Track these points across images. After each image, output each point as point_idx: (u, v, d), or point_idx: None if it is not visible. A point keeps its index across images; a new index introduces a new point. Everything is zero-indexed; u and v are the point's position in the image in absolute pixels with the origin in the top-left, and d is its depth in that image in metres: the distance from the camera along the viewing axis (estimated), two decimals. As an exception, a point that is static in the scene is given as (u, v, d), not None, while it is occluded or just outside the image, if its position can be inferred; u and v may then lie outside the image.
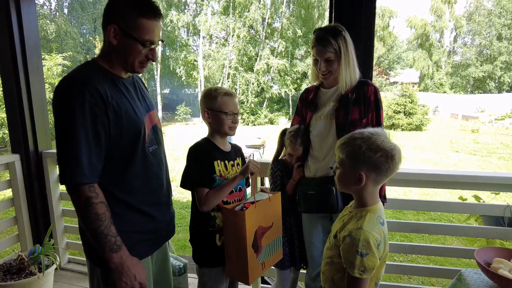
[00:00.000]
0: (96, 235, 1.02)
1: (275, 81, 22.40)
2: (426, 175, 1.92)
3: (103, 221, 1.02)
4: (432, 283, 3.33)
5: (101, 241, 1.02)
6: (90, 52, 21.18)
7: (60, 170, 1.03)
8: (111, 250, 1.03)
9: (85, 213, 1.01)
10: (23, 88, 2.32)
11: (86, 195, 1.01)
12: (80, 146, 0.99)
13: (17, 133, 2.39)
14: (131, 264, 1.07)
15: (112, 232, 1.04)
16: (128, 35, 1.05)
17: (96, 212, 1.01)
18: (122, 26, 1.05)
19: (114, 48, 1.08)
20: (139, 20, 1.05)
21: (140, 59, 1.11)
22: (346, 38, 1.51)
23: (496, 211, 1.94)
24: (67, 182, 1.01)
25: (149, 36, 1.07)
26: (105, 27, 1.06)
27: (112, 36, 1.06)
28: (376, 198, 1.11)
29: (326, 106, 1.61)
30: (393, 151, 1.03)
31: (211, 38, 22.97)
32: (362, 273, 1.01)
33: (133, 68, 1.13)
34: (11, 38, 2.25)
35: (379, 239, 1.02)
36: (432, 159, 10.53)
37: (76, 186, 1.01)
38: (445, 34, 34.00)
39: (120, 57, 1.10)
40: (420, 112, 17.91)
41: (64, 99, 1.01)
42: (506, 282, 1.29)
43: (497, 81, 30.93)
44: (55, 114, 1.03)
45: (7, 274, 2.08)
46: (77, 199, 1.02)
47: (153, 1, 1.09)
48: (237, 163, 1.61)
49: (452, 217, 5.37)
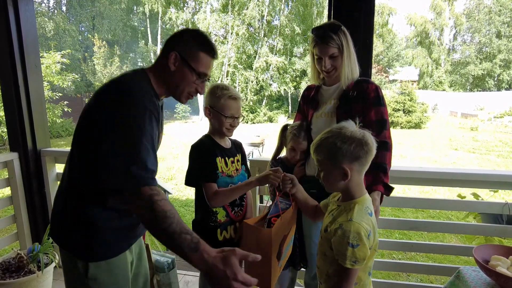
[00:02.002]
0: (168, 235, 0.95)
1: (274, 79, 22.37)
2: (425, 173, 1.92)
3: (172, 218, 0.96)
4: (431, 280, 3.34)
5: (177, 242, 0.94)
6: (88, 50, 21.10)
7: (121, 176, 0.98)
8: (191, 250, 0.93)
9: (151, 214, 0.96)
10: (21, 86, 2.32)
11: (148, 194, 0.97)
12: (147, 152, 1.00)
13: (15, 131, 2.38)
14: (218, 261, 0.93)
15: (184, 229, 0.96)
16: (187, 64, 1.14)
17: (162, 209, 0.96)
18: (183, 55, 1.13)
19: (170, 73, 1.15)
20: (200, 53, 1.15)
21: (190, 89, 1.19)
22: (346, 33, 1.51)
23: (494, 208, 1.94)
24: (130, 187, 0.98)
25: (205, 70, 1.17)
26: (167, 52, 1.14)
27: (172, 62, 1.13)
28: (363, 189, 1.14)
29: (327, 104, 1.62)
30: (365, 137, 1.07)
31: (210, 36, 22.90)
32: (354, 264, 1.03)
33: (180, 96, 1.20)
34: (9, 35, 2.24)
35: (369, 229, 1.05)
36: (431, 157, 10.54)
37: (140, 190, 0.98)
38: (445, 32, 33.98)
39: (173, 82, 1.17)
40: (419, 110, 17.92)
41: (128, 107, 1.01)
42: (504, 279, 1.29)
43: (496, 79, 30.96)
44: (111, 119, 1.00)
45: (6, 272, 2.08)
46: (141, 202, 0.98)
47: (214, 43, 1.20)
48: (237, 159, 1.61)
49: (451, 214, 5.39)
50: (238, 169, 1.61)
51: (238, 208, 1.59)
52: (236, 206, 1.58)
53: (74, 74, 12.55)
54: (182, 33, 1.18)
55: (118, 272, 1.18)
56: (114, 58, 17.08)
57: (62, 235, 1.16)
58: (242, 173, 1.65)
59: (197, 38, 1.17)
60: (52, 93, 10.86)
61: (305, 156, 1.69)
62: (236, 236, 1.59)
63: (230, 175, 1.55)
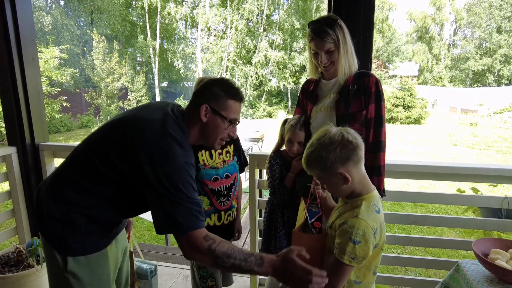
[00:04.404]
0: (238, 267, 1.03)
1: (274, 74, 22.30)
2: (424, 167, 1.92)
3: (234, 253, 1.03)
4: (429, 274, 3.36)
5: (247, 269, 1.03)
6: (87, 45, 20.97)
7: (170, 222, 1.03)
8: (258, 266, 1.03)
9: (217, 260, 1.03)
10: (19, 80, 2.29)
11: (204, 245, 1.02)
12: (191, 197, 1.05)
13: (13, 125, 2.36)
14: (280, 262, 1.04)
15: (246, 255, 1.04)
16: (219, 114, 1.21)
17: (224, 252, 1.03)
18: (213, 106, 1.20)
19: (202, 124, 1.21)
20: (229, 101, 1.22)
21: (223, 135, 1.25)
22: (342, 26, 1.48)
23: (494, 203, 1.94)
24: (182, 232, 1.03)
25: (235, 115, 1.25)
26: (198, 105, 1.20)
27: (203, 114, 1.19)
28: (369, 186, 1.13)
29: (326, 98, 1.60)
30: (344, 137, 1.05)
31: (209, 30, 22.79)
32: (352, 261, 1.02)
33: (213, 143, 1.27)
34: (5, 29, 2.21)
35: (375, 227, 1.03)
36: (431, 153, 10.55)
37: (192, 235, 1.03)
38: (445, 27, 33.84)
39: (205, 132, 1.23)
40: (419, 106, 17.89)
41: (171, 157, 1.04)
42: (503, 272, 1.29)
43: (496, 74, 30.89)
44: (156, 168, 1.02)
45: (5, 266, 2.08)
46: (200, 249, 1.03)
47: (239, 88, 1.27)
48: (227, 151, 1.64)
49: (450, 209, 5.40)
50: (226, 160, 1.64)
51: (224, 198, 1.64)
52: (221, 196, 1.63)
53: (72, 69, 12.50)
54: (208, 85, 1.24)
55: (98, 267, 1.19)
56: (113, 53, 16.92)
57: (43, 224, 1.15)
58: (233, 164, 1.68)
59: (223, 87, 1.23)
60: (50, 88, 10.82)
61: (303, 150, 1.68)
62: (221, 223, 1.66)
63: (215, 167, 1.60)
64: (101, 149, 1.09)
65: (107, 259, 1.22)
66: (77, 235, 1.11)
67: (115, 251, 1.30)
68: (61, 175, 1.16)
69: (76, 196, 1.09)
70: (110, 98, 17.02)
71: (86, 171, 1.10)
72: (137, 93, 18.44)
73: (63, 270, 1.11)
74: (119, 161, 1.06)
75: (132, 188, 1.09)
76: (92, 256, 1.15)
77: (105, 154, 1.07)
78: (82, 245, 1.12)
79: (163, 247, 3.22)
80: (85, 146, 1.16)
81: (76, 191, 1.09)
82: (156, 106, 1.20)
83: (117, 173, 1.07)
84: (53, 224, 1.11)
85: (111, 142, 1.09)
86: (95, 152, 1.10)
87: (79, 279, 1.13)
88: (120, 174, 1.07)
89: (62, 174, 1.15)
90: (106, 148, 1.08)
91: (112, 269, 1.26)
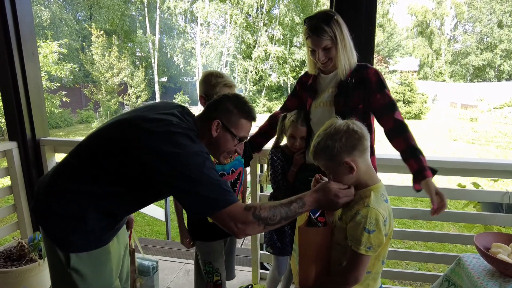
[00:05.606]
0: (285, 218, 1.06)
1: (274, 69, 22.21)
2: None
3: (277, 208, 1.05)
4: (429, 269, 3.38)
5: (293, 215, 1.07)
6: (86, 40, 20.84)
7: (203, 203, 1.03)
8: (301, 208, 1.07)
9: (266, 223, 1.04)
10: (19, 74, 2.28)
11: (249, 215, 1.03)
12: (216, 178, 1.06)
13: (13, 120, 2.36)
14: (317, 195, 1.09)
15: (287, 204, 1.06)
16: (229, 131, 1.23)
17: (268, 212, 1.04)
18: (225, 122, 1.22)
19: (212, 138, 1.23)
20: (241, 120, 1.24)
21: (229, 150, 1.28)
22: (339, 22, 1.45)
23: (494, 197, 1.95)
24: (218, 209, 1.03)
25: (244, 134, 1.27)
26: (210, 119, 1.22)
27: (214, 129, 1.21)
28: (375, 177, 1.14)
29: (325, 93, 1.58)
30: (349, 126, 1.07)
31: (209, 25, 22.67)
32: (368, 250, 1.02)
33: (219, 156, 1.29)
34: (4, 23, 2.19)
35: (385, 216, 1.05)
36: (431, 148, 10.55)
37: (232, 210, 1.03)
38: (446, 21, 33.63)
39: (213, 146, 1.24)
40: (419, 101, 17.86)
41: (186, 149, 1.05)
42: (504, 266, 1.30)
43: (497, 69, 30.77)
44: (172, 161, 1.02)
45: (8, 261, 2.09)
46: (246, 220, 1.03)
47: (253, 107, 1.30)
48: None
49: (450, 204, 5.42)
50: (232, 155, 1.62)
51: None
52: None
53: (72, 64, 12.44)
54: (223, 101, 1.25)
55: (101, 263, 1.18)
56: (112, 48, 16.83)
57: (45, 220, 1.14)
58: (238, 159, 1.67)
59: (237, 105, 1.24)
60: (50, 83, 10.78)
61: (305, 145, 1.68)
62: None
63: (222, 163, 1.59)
64: (112, 149, 1.08)
65: (110, 255, 1.22)
66: (80, 231, 1.10)
67: (117, 247, 1.30)
68: (68, 171, 1.14)
69: (86, 191, 1.08)
70: (110, 93, 16.96)
71: (96, 169, 1.09)
72: (137, 88, 18.37)
73: (66, 266, 1.12)
74: (135, 161, 1.05)
75: (144, 183, 1.10)
76: (94, 252, 1.15)
77: (117, 155, 1.07)
78: (85, 241, 1.12)
79: (164, 241, 3.23)
80: (93, 143, 1.15)
81: (86, 185, 1.08)
82: (164, 107, 1.20)
83: (128, 172, 1.07)
84: (55, 220, 1.11)
85: (122, 141, 1.08)
86: (103, 152, 1.09)
87: (82, 275, 1.13)
88: (133, 174, 1.07)
89: (69, 170, 1.14)
90: (112, 148, 1.08)
91: (114, 265, 1.26)
